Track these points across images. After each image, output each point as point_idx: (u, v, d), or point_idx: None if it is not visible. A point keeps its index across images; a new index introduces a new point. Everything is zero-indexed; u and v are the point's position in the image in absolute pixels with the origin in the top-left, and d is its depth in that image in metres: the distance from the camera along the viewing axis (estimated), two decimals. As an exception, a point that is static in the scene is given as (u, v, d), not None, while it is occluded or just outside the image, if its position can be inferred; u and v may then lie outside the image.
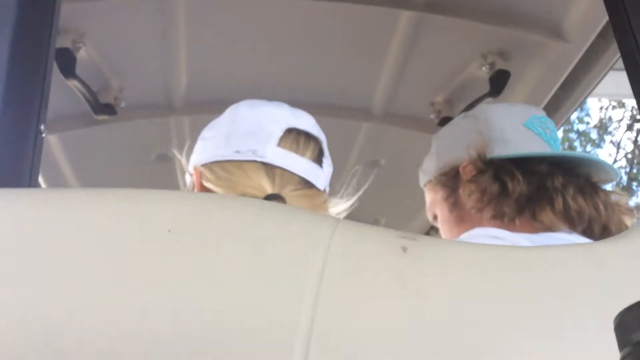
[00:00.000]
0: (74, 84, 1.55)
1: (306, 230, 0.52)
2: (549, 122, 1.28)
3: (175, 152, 1.13)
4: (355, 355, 0.46)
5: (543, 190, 1.12)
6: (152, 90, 1.75)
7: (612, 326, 0.35)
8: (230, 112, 1.09)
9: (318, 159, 1.06)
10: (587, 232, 1.11)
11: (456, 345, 0.47)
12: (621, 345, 0.32)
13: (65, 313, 0.48)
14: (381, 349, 0.46)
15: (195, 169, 1.06)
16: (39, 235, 0.52)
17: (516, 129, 1.22)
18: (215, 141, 1.05)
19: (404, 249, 0.50)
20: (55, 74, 1.56)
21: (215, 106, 1.77)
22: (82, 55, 1.55)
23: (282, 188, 1.00)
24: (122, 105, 1.70)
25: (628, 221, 1.16)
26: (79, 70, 1.54)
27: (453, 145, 1.27)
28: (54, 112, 1.73)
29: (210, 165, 1.03)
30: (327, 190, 1.11)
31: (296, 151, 1.03)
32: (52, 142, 1.80)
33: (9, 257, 0.51)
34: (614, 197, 1.17)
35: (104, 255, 0.51)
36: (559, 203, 1.10)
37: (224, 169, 1.01)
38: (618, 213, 1.15)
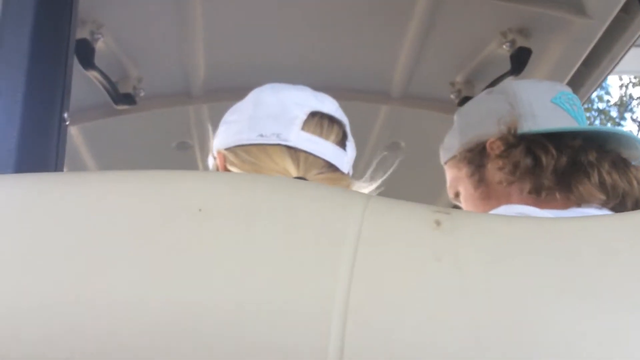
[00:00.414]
0: (93, 74, 1.56)
1: (338, 206, 0.52)
2: (576, 99, 1.26)
3: (209, 126, 1.12)
4: (393, 329, 0.45)
5: (578, 165, 1.11)
6: (170, 79, 1.76)
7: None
8: (253, 95, 1.09)
9: (342, 143, 1.06)
10: (619, 208, 1.09)
11: (496, 317, 0.46)
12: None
13: (93, 296, 0.48)
14: (418, 322, 0.46)
15: (219, 152, 1.06)
16: (70, 217, 0.53)
17: (544, 105, 1.21)
18: (238, 125, 1.05)
19: (438, 223, 0.49)
20: (75, 65, 1.57)
21: (233, 93, 1.76)
22: (100, 46, 1.56)
23: (306, 172, 0.99)
24: (142, 94, 1.71)
25: None
26: (97, 61, 1.55)
27: (479, 121, 1.26)
28: (74, 104, 1.74)
29: (234, 149, 1.03)
30: (351, 173, 1.11)
31: (320, 135, 1.03)
32: (73, 133, 1.82)
33: (40, 238, 0.51)
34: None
35: (134, 235, 0.51)
36: (594, 177, 1.08)
37: (248, 152, 1.01)
38: None
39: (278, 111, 1.03)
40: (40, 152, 0.76)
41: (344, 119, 1.10)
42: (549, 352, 0.45)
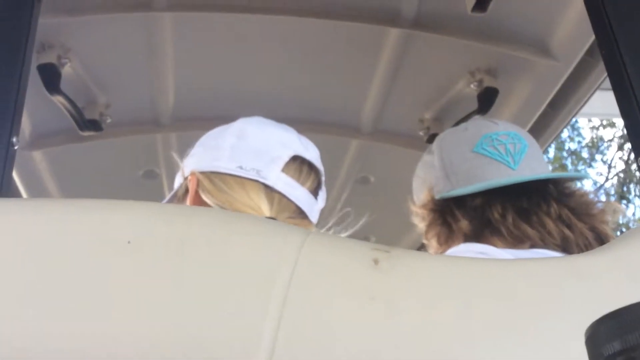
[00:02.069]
0: (58, 99, 1.54)
1: (274, 241, 0.51)
2: (504, 135, 1.20)
3: (174, 154, 1.10)
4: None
5: (487, 223, 1.12)
6: (138, 107, 1.74)
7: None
8: (238, 125, 1.07)
9: (315, 191, 1.06)
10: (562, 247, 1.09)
11: (427, 359, 0.45)
12: (593, 359, 0.30)
13: (19, 331, 0.46)
14: (347, 365, 0.44)
15: (192, 173, 1.02)
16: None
17: (464, 158, 1.19)
18: (218, 152, 1.02)
19: (376, 262, 0.48)
20: (40, 90, 1.55)
21: (202, 122, 1.76)
22: (67, 70, 1.54)
23: (278, 213, 0.98)
24: (109, 121, 1.69)
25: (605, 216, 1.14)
26: (64, 86, 1.53)
27: (420, 186, 1.28)
28: (39, 128, 1.73)
29: (209, 175, 1.00)
30: (316, 222, 1.10)
31: (298, 179, 1.02)
32: (37, 158, 1.79)
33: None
34: (578, 201, 1.14)
35: (59, 266, 0.49)
36: (503, 233, 1.09)
37: (224, 181, 0.99)
38: (581, 219, 1.11)
39: (262, 147, 1.02)
40: (-16, 177, 0.74)
41: (322, 169, 1.10)
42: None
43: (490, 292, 0.48)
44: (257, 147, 1.02)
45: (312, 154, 1.07)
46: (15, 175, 1.80)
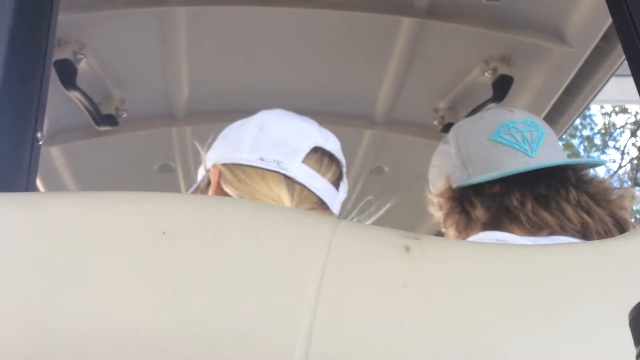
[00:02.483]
0: (75, 95, 1.55)
1: (306, 230, 0.51)
2: (521, 123, 1.20)
3: (197, 143, 1.11)
4: (357, 355, 0.44)
5: (505, 211, 1.12)
6: (153, 101, 1.75)
7: (622, 323, 0.34)
8: (260, 117, 1.08)
9: (337, 183, 1.06)
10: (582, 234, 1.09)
11: (462, 346, 0.45)
12: (638, 339, 0.30)
13: (57, 320, 0.47)
14: (384, 350, 0.45)
15: (214, 166, 1.04)
16: (31, 239, 0.51)
17: (482, 146, 1.19)
18: (239, 143, 1.03)
19: (407, 249, 0.49)
20: (57, 86, 1.57)
21: (217, 116, 1.77)
22: (83, 66, 1.55)
23: (299, 204, 0.99)
24: (124, 116, 1.70)
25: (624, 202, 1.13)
26: (80, 81, 1.54)
27: (437, 175, 1.28)
28: (56, 124, 1.75)
29: (231, 167, 1.01)
30: (338, 214, 1.11)
31: (318, 171, 1.03)
32: (55, 154, 1.80)
33: (0, 259, 0.50)
34: (597, 187, 1.13)
35: (96, 259, 0.49)
36: (521, 220, 1.09)
37: (245, 173, 0.99)
38: (600, 205, 1.11)
39: (282, 139, 1.03)
40: (11, 172, 0.75)
41: (343, 161, 1.10)
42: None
43: (522, 279, 0.48)
44: (278, 138, 1.03)
45: (332, 145, 1.07)
46: (33, 171, 1.82)
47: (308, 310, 0.45)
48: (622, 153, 9.65)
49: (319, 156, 1.04)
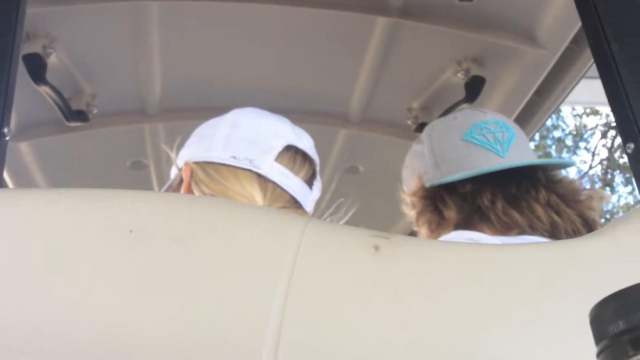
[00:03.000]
0: (44, 90, 1.52)
1: (276, 229, 0.51)
2: (493, 124, 1.22)
3: (164, 145, 1.10)
4: (328, 354, 0.44)
5: (476, 210, 1.13)
6: (125, 97, 1.73)
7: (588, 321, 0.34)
8: (232, 116, 1.07)
9: (310, 181, 1.06)
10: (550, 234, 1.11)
11: (432, 343, 0.46)
12: (598, 338, 0.31)
13: (20, 317, 0.46)
14: (353, 349, 0.45)
15: (186, 164, 1.03)
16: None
17: (455, 146, 1.21)
18: (212, 141, 1.03)
19: (377, 248, 0.49)
20: (26, 80, 1.53)
21: (190, 113, 1.76)
22: (53, 61, 1.53)
23: (272, 202, 0.98)
24: (95, 111, 1.67)
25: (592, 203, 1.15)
26: (50, 76, 1.51)
27: (410, 175, 1.29)
28: (25, 119, 1.71)
29: (203, 165, 1.01)
30: (312, 213, 1.11)
31: (291, 169, 1.03)
32: (24, 150, 1.77)
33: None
34: (567, 187, 1.15)
35: (62, 257, 0.49)
36: (492, 220, 1.11)
37: (218, 171, 0.99)
38: (569, 206, 1.13)
39: (255, 137, 1.03)
40: (-24, 168, 0.73)
41: (316, 159, 1.10)
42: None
43: (491, 277, 0.49)
44: (251, 137, 1.02)
45: (306, 143, 1.07)
46: (0, 167, 1.78)
47: (277, 308, 0.45)
48: (593, 154, 9.83)
49: (292, 154, 1.04)
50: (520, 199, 1.12)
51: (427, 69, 1.70)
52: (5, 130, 0.81)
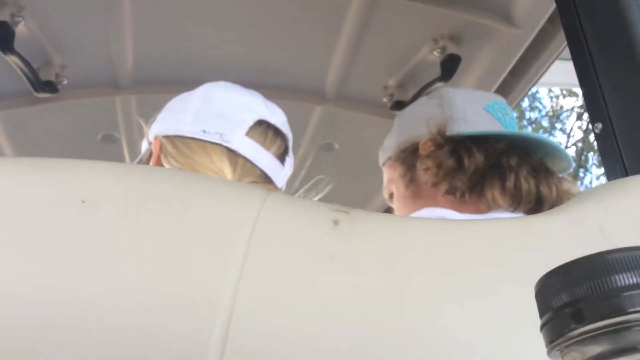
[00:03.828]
0: (12, 60, 1.48)
1: (234, 201, 0.50)
2: (509, 109, 1.31)
3: (140, 120, 1.09)
4: (280, 325, 0.44)
5: (497, 168, 1.13)
6: (96, 68, 1.69)
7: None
8: (203, 89, 1.06)
9: (282, 157, 1.05)
10: (535, 212, 1.12)
11: (388, 319, 0.46)
12: (542, 311, 0.31)
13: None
14: (307, 318, 0.45)
15: (155, 138, 1.02)
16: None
17: (477, 111, 1.25)
18: (182, 115, 1.02)
19: (335, 222, 0.48)
20: (-7, 50, 1.49)
21: (163, 86, 1.73)
22: (21, 29, 1.49)
23: (241, 177, 0.97)
24: (65, 82, 1.64)
25: None
26: (18, 45, 1.48)
27: (415, 122, 1.29)
28: (-7, 90, 1.67)
29: (173, 139, 1.00)
30: (284, 189, 1.10)
31: (262, 144, 1.01)
32: (-9, 121, 1.73)
33: None
34: (565, 185, 1.19)
35: (12, 226, 0.47)
36: (510, 181, 1.11)
37: (187, 145, 0.98)
38: (567, 200, 1.17)
39: (226, 111, 1.01)
40: None
41: (289, 135, 1.09)
42: (437, 354, 0.45)
43: (445, 252, 0.49)
44: (222, 111, 1.01)
45: (278, 119, 1.06)
46: (-32, 138, 1.75)
47: (231, 281, 0.44)
48: (568, 135, 9.94)
49: (263, 129, 1.03)
50: (540, 172, 1.14)
51: (403, 46, 1.69)
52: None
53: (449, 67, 1.62)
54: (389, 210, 1.96)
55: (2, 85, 1.63)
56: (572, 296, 0.29)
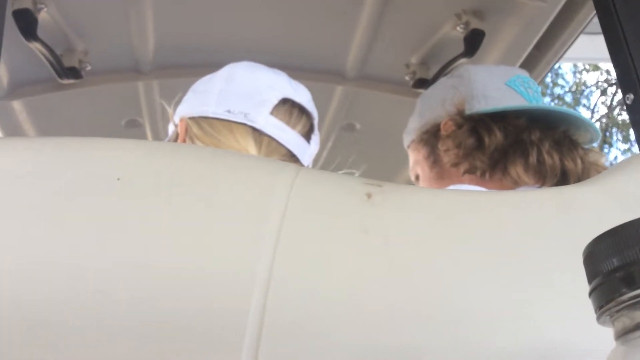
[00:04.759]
0: (36, 46, 1.49)
1: (265, 176, 0.50)
2: (532, 83, 1.28)
3: (163, 102, 1.10)
4: (315, 297, 0.44)
5: (519, 144, 1.12)
6: (118, 53, 1.70)
7: (579, 267, 0.34)
8: (227, 70, 1.06)
9: (307, 135, 1.05)
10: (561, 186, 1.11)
11: (422, 291, 0.45)
12: (591, 276, 0.30)
13: (4, 264, 0.45)
14: (343, 295, 0.45)
15: (182, 120, 1.03)
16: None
17: (498, 87, 1.23)
18: (207, 96, 1.02)
19: (369, 195, 0.48)
20: (17, 37, 1.51)
21: (185, 70, 1.73)
22: (43, 16, 1.49)
23: (267, 156, 0.98)
24: (88, 68, 1.65)
25: None
26: (41, 32, 1.48)
27: (435, 103, 1.27)
28: (18, 77, 1.69)
29: (198, 120, 1.00)
30: (310, 167, 1.10)
31: (287, 122, 1.01)
32: (17, 108, 1.75)
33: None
34: (591, 156, 1.17)
35: (50, 204, 0.48)
36: (533, 157, 1.09)
37: (212, 126, 0.98)
38: (594, 172, 1.15)
39: (250, 91, 1.01)
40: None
41: (314, 113, 1.09)
42: (472, 327, 0.44)
43: (480, 224, 0.48)
44: (246, 90, 1.01)
45: (303, 97, 1.06)
46: (-5, 126, 1.77)
47: (267, 256, 0.44)
48: (592, 111, 9.78)
49: (288, 107, 1.03)
50: (564, 145, 1.11)
51: (425, 22, 1.67)
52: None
53: (473, 42, 1.60)
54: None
55: (27, 73, 1.65)
56: (623, 260, 0.28)
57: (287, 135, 1.00)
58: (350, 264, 0.46)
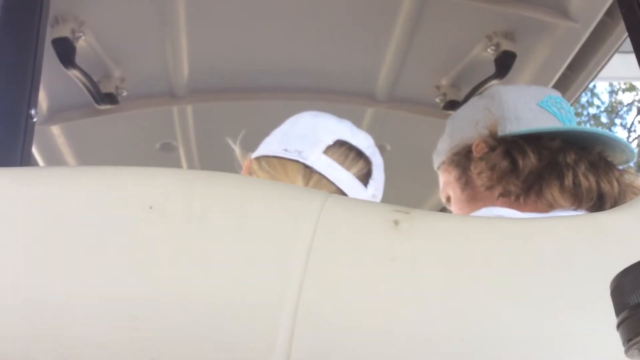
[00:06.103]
0: (74, 74, 1.54)
1: (294, 204, 0.51)
2: (565, 103, 1.26)
3: (229, 140, 1.15)
4: (344, 327, 0.44)
5: (553, 166, 1.10)
6: (153, 79, 1.74)
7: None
8: (294, 117, 1.13)
9: (364, 178, 1.08)
10: (597, 209, 1.08)
11: (451, 318, 0.45)
12: (618, 309, 0.30)
13: (45, 293, 0.47)
14: (371, 323, 0.45)
15: (249, 159, 1.10)
16: (23, 212, 0.51)
17: (530, 108, 1.21)
18: (272, 138, 1.10)
19: (396, 222, 0.48)
20: (56, 65, 1.56)
21: (218, 94, 1.76)
22: (81, 44, 1.54)
23: None
24: (124, 94, 1.69)
25: None
26: (79, 60, 1.53)
27: (466, 124, 1.26)
28: (56, 103, 1.74)
29: (259, 159, 1.07)
30: None
31: (342, 163, 1.06)
32: (55, 132, 1.80)
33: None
34: (627, 178, 1.15)
35: (86, 231, 0.49)
36: (569, 179, 1.07)
37: (269, 162, 1.05)
38: (631, 194, 1.13)
39: (308, 133, 1.08)
40: (6, 148, 0.75)
41: (375, 159, 1.11)
42: (502, 355, 0.44)
43: (511, 252, 0.48)
44: (304, 132, 1.08)
45: (361, 141, 1.11)
46: (34, 150, 1.82)
47: (295, 283, 0.45)
48: (629, 130, 9.59)
49: (344, 150, 1.07)
50: (600, 167, 1.10)
51: (456, 44, 1.67)
52: (33, 112, 0.82)
53: (504, 64, 1.59)
54: (443, 211, 1.94)
55: (65, 98, 1.70)
56: (650, 293, 0.28)
57: (340, 174, 1.04)
58: (379, 292, 0.46)
